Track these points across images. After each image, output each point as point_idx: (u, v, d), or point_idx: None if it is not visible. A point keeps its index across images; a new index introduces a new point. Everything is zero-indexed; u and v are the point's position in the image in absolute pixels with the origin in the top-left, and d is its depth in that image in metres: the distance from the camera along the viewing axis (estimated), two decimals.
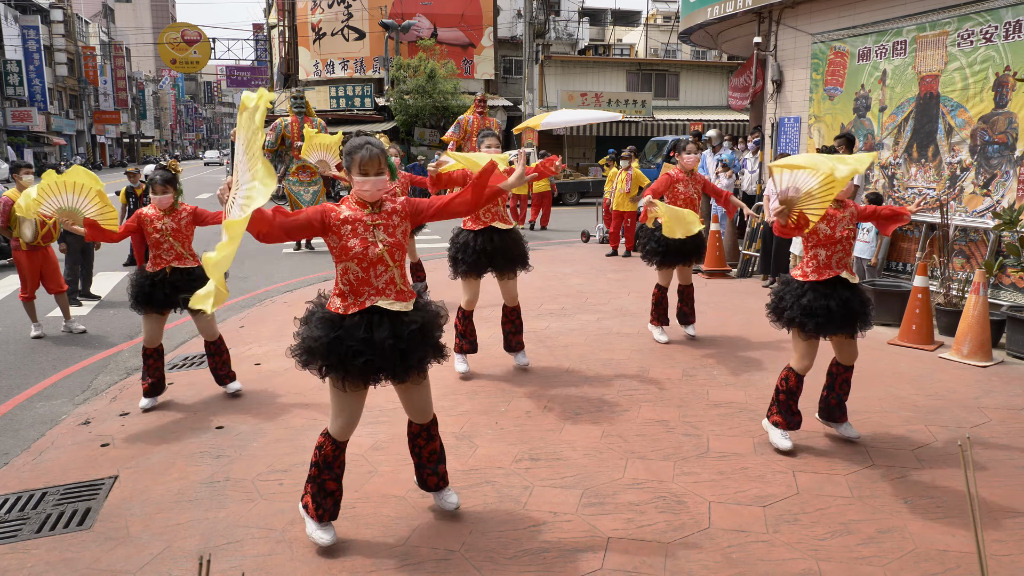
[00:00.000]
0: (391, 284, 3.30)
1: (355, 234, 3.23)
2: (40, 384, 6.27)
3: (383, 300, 3.27)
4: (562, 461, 4.41)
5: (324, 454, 3.44)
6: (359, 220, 3.25)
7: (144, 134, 75.80)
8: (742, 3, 10.63)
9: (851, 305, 4.37)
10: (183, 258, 5.41)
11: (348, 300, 3.28)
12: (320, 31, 30.87)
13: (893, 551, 3.44)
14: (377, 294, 3.27)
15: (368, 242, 3.22)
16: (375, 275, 3.26)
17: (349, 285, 3.28)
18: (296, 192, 13.32)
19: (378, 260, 3.24)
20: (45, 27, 48.93)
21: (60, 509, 3.95)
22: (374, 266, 3.24)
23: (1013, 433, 4.82)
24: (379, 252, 3.23)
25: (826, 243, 4.42)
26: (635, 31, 45.41)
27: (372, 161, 3.21)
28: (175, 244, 5.37)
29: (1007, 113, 7.32)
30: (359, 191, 3.27)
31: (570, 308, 8.44)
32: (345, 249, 3.22)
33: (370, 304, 3.26)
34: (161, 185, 5.32)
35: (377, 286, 3.27)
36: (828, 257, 4.44)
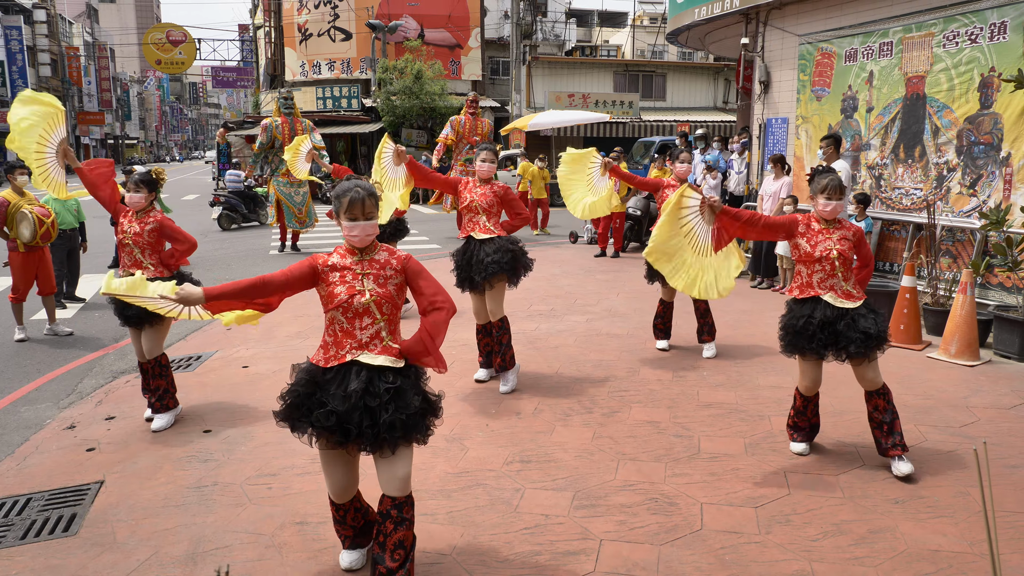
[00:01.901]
0: (377, 339, 3.02)
1: (342, 281, 3.01)
2: (24, 388, 6.19)
3: (365, 355, 3.00)
4: (553, 463, 4.39)
5: (333, 516, 3.31)
6: (347, 268, 3.04)
7: (129, 135, 75.22)
8: (729, 4, 10.66)
9: (835, 327, 4.20)
10: (142, 267, 5.01)
11: (329, 352, 3.05)
12: (306, 32, 30.74)
13: (885, 551, 3.44)
14: (359, 348, 3.00)
15: (355, 290, 2.99)
16: (360, 327, 3.00)
17: (333, 336, 3.05)
18: (287, 194, 13.23)
19: (364, 311, 3.00)
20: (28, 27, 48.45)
21: (45, 515, 3.89)
22: (360, 317, 3.00)
23: (1001, 432, 4.84)
24: (365, 302, 2.98)
25: (805, 260, 4.30)
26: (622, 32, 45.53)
27: (358, 205, 2.99)
28: (134, 250, 5.01)
29: (992, 114, 7.37)
30: (348, 236, 3.04)
31: (560, 309, 8.42)
32: (331, 296, 3.00)
33: (350, 358, 2.99)
34: (134, 184, 5.01)
35: (361, 340, 3.00)
36: (809, 276, 4.31)
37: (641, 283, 9.64)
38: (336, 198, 3.05)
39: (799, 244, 4.32)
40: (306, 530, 3.67)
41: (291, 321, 8.01)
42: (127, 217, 5.12)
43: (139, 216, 5.09)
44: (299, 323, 7.91)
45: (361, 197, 3.00)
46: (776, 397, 5.50)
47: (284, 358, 6.62)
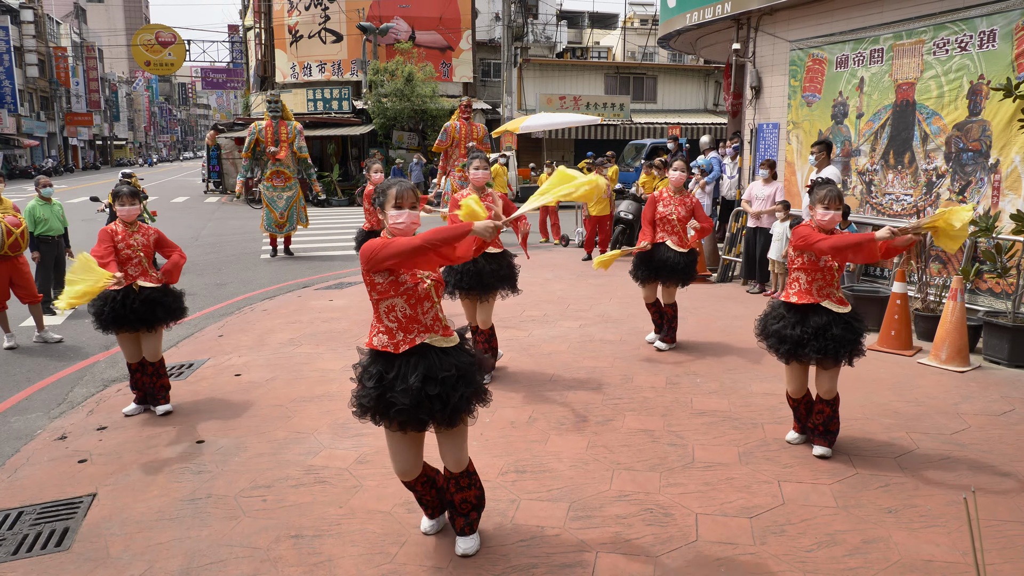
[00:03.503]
0: (437, 320, 3.29)
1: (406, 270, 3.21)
2: (14, 397, 6.14)
3: (432, 336, 3.25)
4: (548, 473, 4.40)
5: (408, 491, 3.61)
6: None
7: (117, 136, 74.82)
8: (721, 10, 10.68)
9: (828, 332, 4.34)
10: (148, 275, 5.30)
11: (397, 337, 3.22)
12: (297, 33, 30.64)
13: (879, 562, 3.46)
14: (426, 331, 3.24)
15: (417, 277, 3.22)
16: (423, 311, 3.24)
17: (397, 323, 3.21)
18: (270, 198, 13.18)
19: (425, 296, 3.23)
20: (15, 27, 48.14)
21: (37, 529, 3.87)
22: (422, 302, 3.22)
23: (992, 439, 4.88)
24: (427, 287, 3.23)
25: (808, 269, 4.42)
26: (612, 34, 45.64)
27: (405, 195, 3.24)
28: (143, 260, 5.29)
29: (980, 121, 7.42)
30: (393, 225, 3.24)
31: (552, 315, 8.43)
32: (396, 284, 3.17)
33: (420, 341, 3.22)
34: (129, 197, 5.27)
35: (425, 323, 3.25)
36: (809, 283, 4.44)
37: (633, 288, 9.64)
38: (381, 192, 3.30)
39: (805, 254, 4.41)
40: (301, 544, 3.65)
41: (283, 328, 7.98)
42: (122, 233, 5.25)
43: (132, 228, 5.30)
44: (291, 330, 7.88)
45: (406, 188, 3.26)
46: (769, 404, 5.52)
47: (277, 365, 6.60)
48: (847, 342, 4.38)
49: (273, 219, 13.23)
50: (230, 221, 20.06)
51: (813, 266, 4.40)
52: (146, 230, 5.39)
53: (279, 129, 13.12)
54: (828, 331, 4.35)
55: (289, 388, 5.99)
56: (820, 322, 4.37)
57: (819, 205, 4.37)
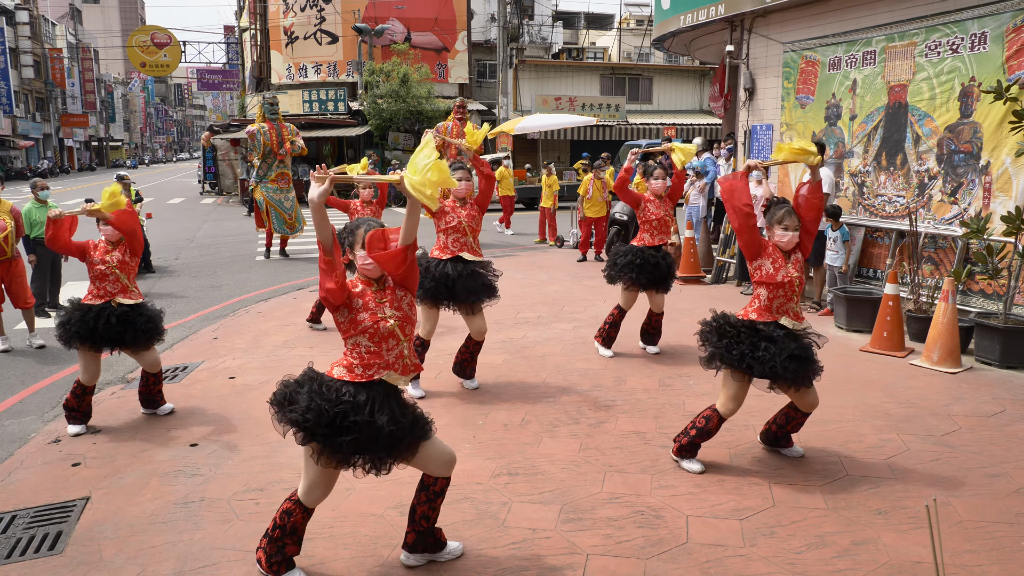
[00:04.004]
0: (400, 358, 3.24)
1: (365, 308, 3.18)
2: (8, 400, 6.15)
3: (390, 374, 3.21)
4: (540, 475, 4.42)
5: (293, 521, 3.35)
6: (369, 294, 3.22)
7: (113, 137, 74.72)
8: (714, 12, 10.72)
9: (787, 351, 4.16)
10: (128, 291, 5.22)
11: (356, 372, 3.19)
12: (292, 34, 30.65)
13: (868, 563, 3.48)
14: (386, 367, 3.21)
15: (378, 317, 3.18)
16: (386, 349, 3.21)
17: (359, 358, 3.20)
18: (277, 200, 13.18)
19: (389, 335, 3.20)
20: (10, 29, 48.06)
21: (30, 533, 3.88)
22: (385, 340, 3.20)
23: (983, 441, 4.91)
24: (390, 327, 3.20)
25: (767, 283, 4.23)
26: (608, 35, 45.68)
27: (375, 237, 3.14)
28: (121, 277, 5.20)
29: (972, 123, 7.46)
30: (363, 268, 3.21)
31: (546, 316, 8.45)
32: (355, 323, 3.17)
33: (378, 377, 3.19)
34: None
35: (388, 359, 3.21)
36: (769, 300, 4.25)
37: None
38: (350, 232, 3.25)
39: (763, 265, 4.25)
40: None
41: (278, 330, 7.99)
42: (100, 249, 5.21)
43: (117, 245, 5.25)
44: (286, 332, 7.90)
45: (374, 228, 3.15)
46: (760, 406, 5.52)
47: (271, 368, 6.61)
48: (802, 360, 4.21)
49: (283, 220, 13.24)
50: (226, 223, 20.07)
51: (771, 280, 4.21)
52: (124, 246, 5.26)
53: (280, 131, 13.15)
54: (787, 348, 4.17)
55: None
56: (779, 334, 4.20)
57: (777, 226, 4.24)
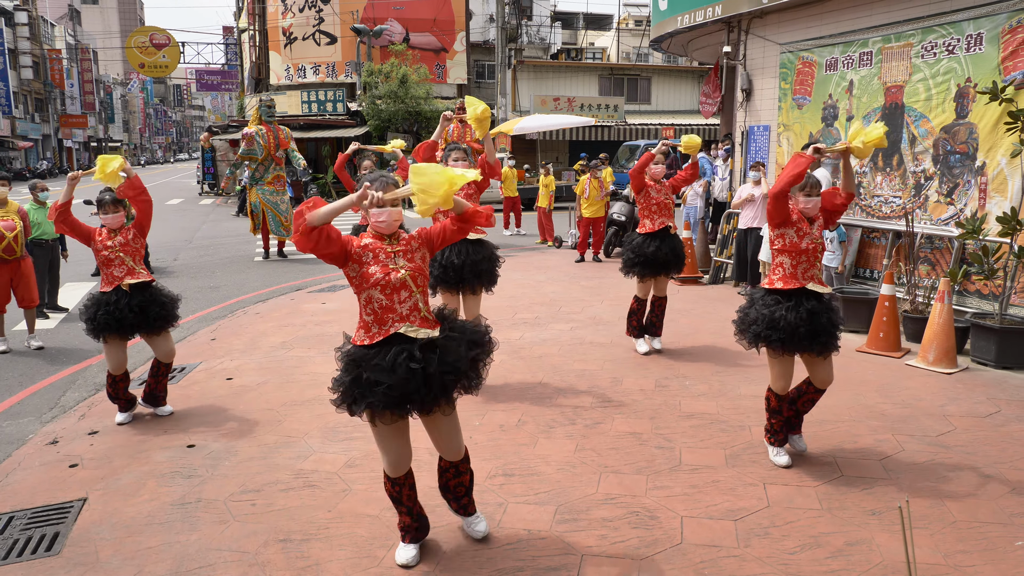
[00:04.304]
0: (415, 310, 3.27)
1: (376, 261, 3.25)
2: (6, 402, 6.16)
3: (406, 327, 3.24)
4: (536, 476, 4.43)
5: (388, 493, 3.52)
6: (380, 248, 3.28)
7: (112, 138, 74.66)
8: (711, 13, 10.73)
9: (818, 319, 4.32)
10: (135, 272, 5.31)
11: (372, 330, 3.26)
12: (291, 35, 30.65)
13: (861, 563, 3.50)
14: (401, 320, 3.24)
15: (389, 268, 3.23)
16: (399, 301, 3.24)
17: (373, 315, 3.26)
18: (272, 203, 13.20)
19: (400, 285, 3.24)
20: (9, 30, 48.05)
21: (28, 534, 3.89)
22: (397, 292, 3.23)
23: (977, 441, 4.92)
24: (401, 277, 3.24)
25: (790, 251, 4.40)
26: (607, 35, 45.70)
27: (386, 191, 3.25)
28: (127, 260, 5.29)
29: (967, 124, 7.48)
30: (375, 223, 3.30)
31: (544, 317, 8.47)
32: (366, 276, 3.23)
33: (393, 331, 3.23)
34: (112, 204, 5.28)
35: (401, 312, 3.25)
36: (793, 267, 4.42)
37: (625, 290, 9.71)
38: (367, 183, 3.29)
39: (786, 234, 4.41)
40: (290, 547, 3.68)
41: (276, 331, 8.01)
42: (104, 234, 5.29)
43: (115, 232, 5.33)
44: (283, 333, 7.91)
45: (387, 183, 3.29)
46: (757, 407, 5.55)
47: (269, 369, 6.62)
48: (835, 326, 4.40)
49: (280, 222, 13.26)
50: (224, 223, 20.08)
51: (795, 247, 4.38)
52: (126, 229, 5.36)
53: (278, 134, 13.17)
54: (821, 316, 4.34)
55: (280, 392, 6.02)
56: (811, 306, 4.35)
57: (801, 194, 4.43)
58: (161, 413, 5.59)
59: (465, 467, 3.63)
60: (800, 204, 4.44)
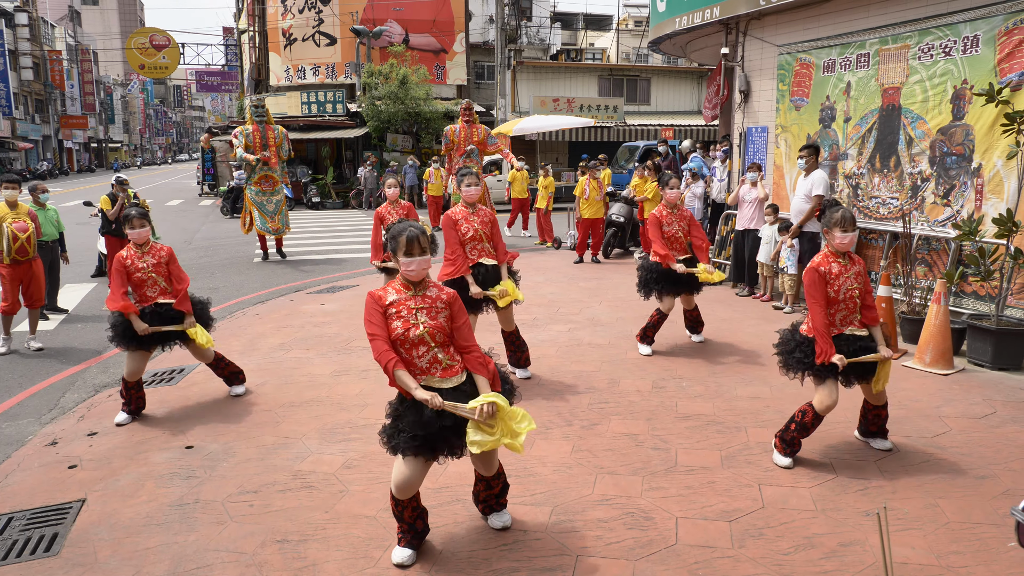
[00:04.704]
0: (435, 363, 3.44)
1: (398, 316, 3.40)
2: (6, 403, 6.18)
3: (428, 378, 3.41)
4: (532, 477, 4.46)
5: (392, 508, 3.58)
6: (403, 303, 3.44)
7: (112, 139, 74.72)
8: (710, 14, 10.75)
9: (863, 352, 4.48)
10: (167, 293, 5.53)
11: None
12: (291, 36, 30.67)
13: (854, 564, 3.52)
14: (423, 373, 3.41)
15: (409, 324, 3.38)
16: (417, 356, 3.40)
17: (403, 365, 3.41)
18: (259, 203, 13.21)
19: (419, 341, 3.39)
20: (10, 31, 48.10)
21: (27, 535, 3.91)
22: (416, 347, 3.39)
23: (972, 443, 4.94)
24: (420, 334, 3.39)
25: (829, 303, 4.49)
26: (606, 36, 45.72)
27: (415, 242, 3.40)
28: (159, 280, 5.51)
29: (964, 125, 7.50)
30: (405, 271, 3.44)
31: (542, 318, 8.49)
32: (390, 331, 3.40)
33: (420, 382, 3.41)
34: (139, 219, 5.48)
35: (420, 366, 3.41)
36: (833, 315, 4.52)
37: (624, 291, 9.74)
38: (392, 238, 3.44)
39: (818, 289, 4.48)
40: (287, 548, 3.71)
41: (274, 332, 8.03)
42: (132, 256, 5.46)
43: (143, 249, 5.51)
44: (282, 335, 7.93)
45: (416, 235, 3.41)
46: (753, 408, 5.59)
47: (267, 371, 6.65)
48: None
49: (266, 221, 13.28)
50: (224, 224, 20.10)
51: (833, 301, 4.49)
52: (157, 250, 5.57)
53: (266, 134, 13.16)
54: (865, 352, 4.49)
55: (278, 393, 6.04)
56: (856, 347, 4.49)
57: (836, 228, 4.48)
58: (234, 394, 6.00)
59: (496, 482, 3.79)
60: (836, 240, 4.50)
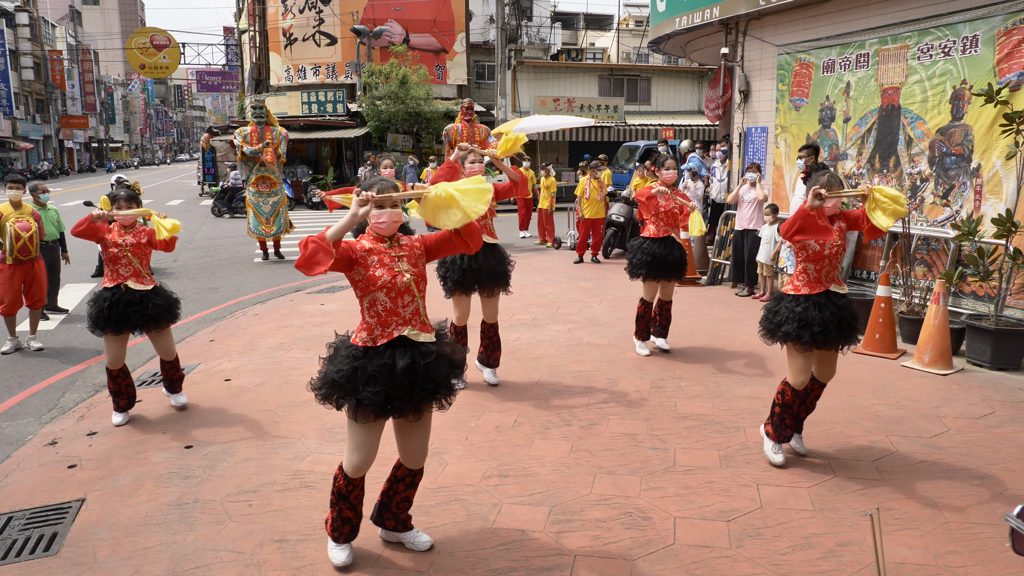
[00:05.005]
0: (416, 315, 3.36)
1: (381, 264, 3.30)
2: (6, 403, 6.19)
3: (409, 330, 3.33)
4: (531, 477, 4.46)
5: (338, 487, 3.48)
6: (383, 251, 3.34)
7: (113, 139, 74.75)
8: (709, 14, 10.75)
9: (844, 316, 4.46)
10: (140, 276, 5.41)
11: (375, 332, 3.31)
12: (291, 36, 30.68)
13: (852, 564, 3.53)
14: (404, 323, 3.32)
15: (395, 271, 3.31)
16: (402, 305, 3.32)
17: (377, 317, 3.31)
18: (255, 204, 13.23)
19: (405, 289, 3.31)
20: (10, 30, 48.10)
21: (26, 534, 3.92)
22: (401, 295, 3.31)
23: (970, 443, 4.95)
24: (407, 281, 3.32)
25: (815, 259, 4.49)
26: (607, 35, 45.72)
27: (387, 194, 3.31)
28: (133, 261, 5.39)
29: (963, 126, 7.50)
30: (375, 225, 3.35)
31: (542, 318, 8.49)
32: (372, 279, 3.27)
33: (397, 334, 3.30)
34: (126, 201, 5.42)
35: (404, 316, 3.32)
36: (818, 271, 4.50)
37: (623, 291, 9.75)
38: (365, 189, 3.34)
39: (808, 245, 4.45)
40: (285, 548, 3.71)
41: (274, 332, 8.04)
42: (116, 232, 5.37)
43: (128, 229, 5.42)
44: (282, 334, 7.94)
45: (387, 187, 3.33)
46: (752, 408, 5.59)
47: (267, 370, 6.65)
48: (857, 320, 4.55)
49: (259, 224, 13.29)
50: (224, 224, 20.11)
51: (819, 256, 4.45)
52: (139, 231, 5.45)
53: (264, 134, 13.17)
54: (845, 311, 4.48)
55: (278, 393, 6.05)
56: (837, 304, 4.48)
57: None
58: (176, 403, 5.73)
59: (419, 479, 3.66)
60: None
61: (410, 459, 3.55)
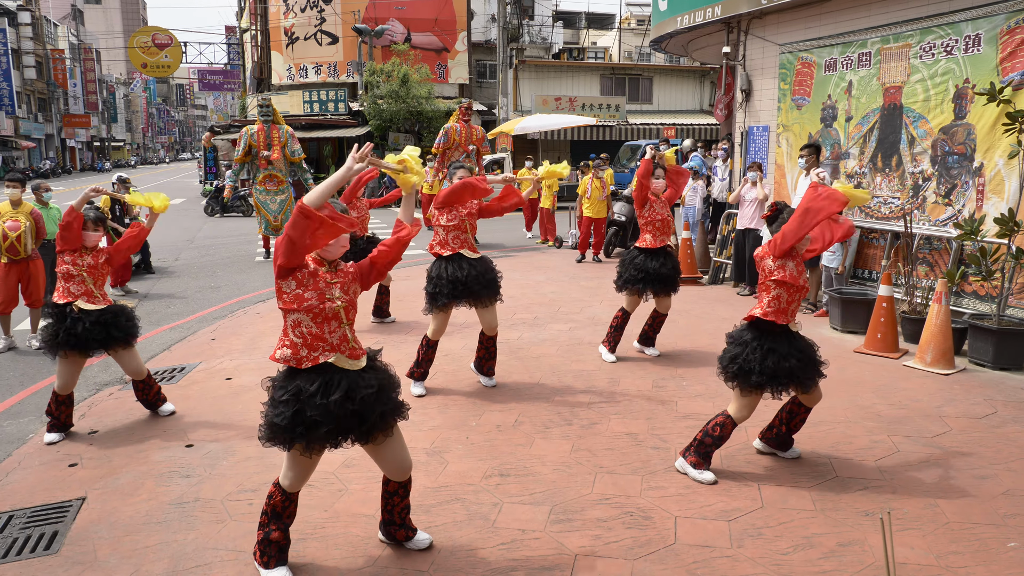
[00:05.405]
0: (344, 341, 3.29)
1: (314, 287, 3.20)
2: (7, 401, 6.20)
3: (337, 356, 3.26)
4: (532, 477, 4.46)
5: (273, 504, 3.43)
6: (320, 275, 3.25)
7: (115, 137, 74.83)
8: (711, 13, 10.74)
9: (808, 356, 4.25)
10: (93, 297, 5.16)
11: (301, 353, 3.23)
12: (293, 35, 30.70)
13: (853, 564, 3.52)
14: (332, 350, 3.25)
15: (325, 297, 3.21)
16: (329, 331, 3.24)
17: (302, 338, 3.23)
18: (263, 202, 13.23)
19: (333, 316, 3.24)
20: (13, 29, 48.15)
21: (27, 533, 3.92)
22: (328, 321, 3.23)
23: (972, 442, 4.94)
24: (335, 308, 3.24)
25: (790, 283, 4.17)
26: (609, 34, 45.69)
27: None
28: (87, 280, 5.14)
29: (965, 125, 7.48)
30: (323, 250, 3.27)
31: (543, 317, 8.49)
32: (299, 299, 3.18)
33: (323, 360, 3.23)
34: (93, 224, 5.18)
35: (331, 342, 3.25)
36: (788, 302, 4.22)
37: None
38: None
39: (787, 265, 4.20)
40: None
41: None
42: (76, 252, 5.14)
43: (92, 250, 5.22)
44: None
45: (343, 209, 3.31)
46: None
47: (267, 370, 6.63)
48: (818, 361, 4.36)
49: (268, 222, 13.30)
50: (225, 223, 20.12)
51: (795, 281, 4.17)
52: (99, 252, 5.23)
53: (271, 133, 13.17)
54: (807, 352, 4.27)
55: None
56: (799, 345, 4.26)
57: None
58: (163, 413, 5.60)
59: (410, 486, 3.63)
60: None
61: (395, 473, 3.52)
